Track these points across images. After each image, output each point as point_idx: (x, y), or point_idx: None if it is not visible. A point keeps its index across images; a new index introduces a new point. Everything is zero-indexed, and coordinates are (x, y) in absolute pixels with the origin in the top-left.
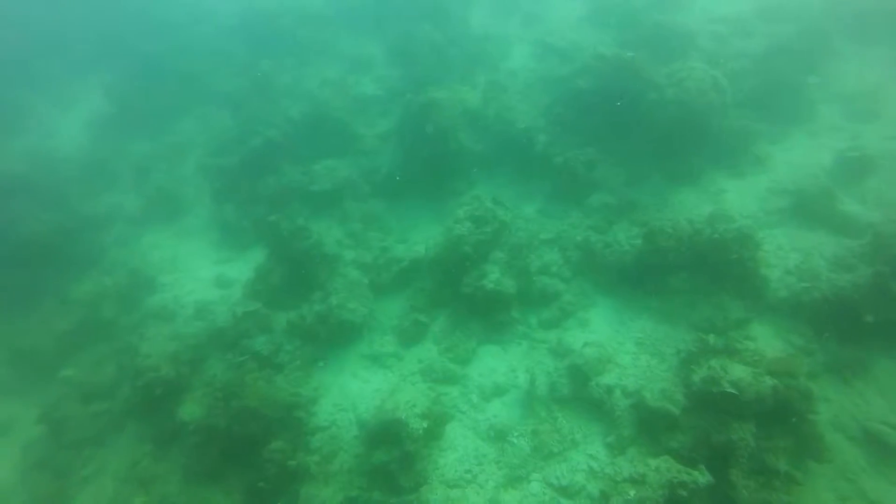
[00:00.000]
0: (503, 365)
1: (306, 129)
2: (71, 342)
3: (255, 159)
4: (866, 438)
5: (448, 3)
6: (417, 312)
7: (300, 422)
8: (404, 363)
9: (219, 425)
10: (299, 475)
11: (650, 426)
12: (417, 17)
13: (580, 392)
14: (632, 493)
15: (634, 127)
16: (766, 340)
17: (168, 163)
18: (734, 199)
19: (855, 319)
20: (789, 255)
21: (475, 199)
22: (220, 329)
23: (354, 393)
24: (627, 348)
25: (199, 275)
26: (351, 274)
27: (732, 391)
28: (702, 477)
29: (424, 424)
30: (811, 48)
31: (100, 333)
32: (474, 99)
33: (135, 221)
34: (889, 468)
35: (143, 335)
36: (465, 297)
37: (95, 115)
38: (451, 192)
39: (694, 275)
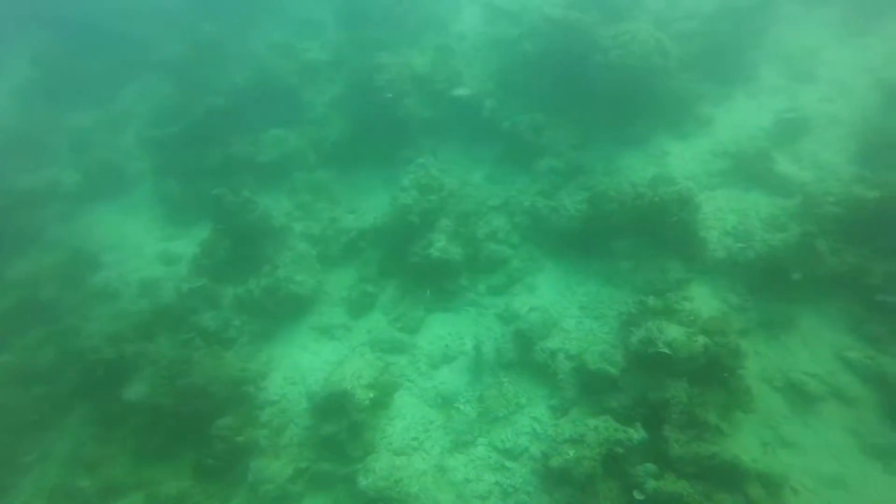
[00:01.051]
0: (452, 332)
1: (253, 97)
2: (7, 325)
3: (198, 129)
4: (789, 388)
5: None
6: (366, 283)
7: (249, 397)
8: (353, 334)
9: (165, 404)
10: (248, 450)
11: (591, 387)
12: None
13: (525, 357)
14: (571, 452)
15: (582, 90)
16: (704, 300)
17: (107, 135)
18: (678, 161)
19: (784, 277)
20: (728, 216)
21: (420, 168)
22: (167, 306)
23: (304, 365)
24: (572, 312)
25: (143, 251)
26: (299, 246)
27: (666, 351)
28: (637, 434)
29: (371, 395)
30: (757, 8)
31: (39, 315)
32: (423, 64)
33: (74, 197)
34: (806, 413)
35: (86, 315)
36: (413, 267)
37: (25, 84)
38: (400, 160)
39: (637, 238)
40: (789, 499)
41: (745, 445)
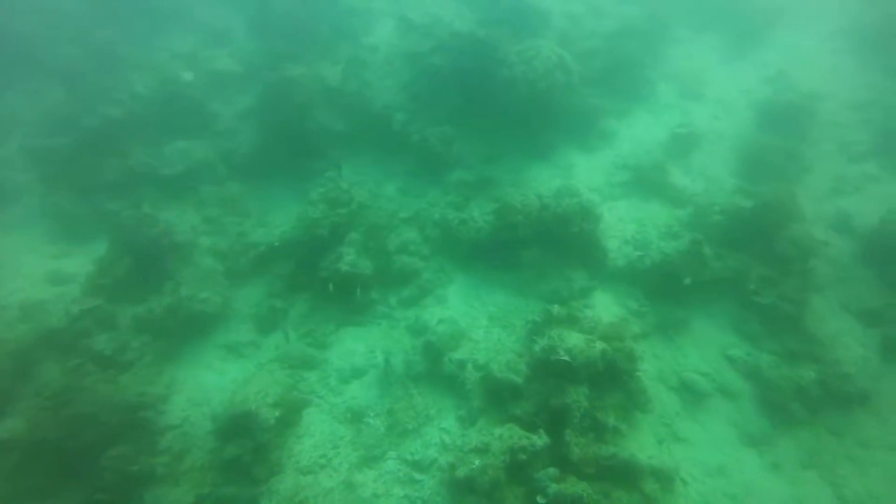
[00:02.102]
0: (362, 346)
1: (156, 107)
2: None
3: (92, 141)
4: (682, 386)
5: None
6: (275, 298)
7: (148, 422)
8: (262, 351)
9: (48, 438)
10: (143, 479)
11: (497, 396)
12: None
13: (435, 368)
14: (476, 462)
15: (491, 104)
16: (606, 306)
17: None
18: (583, 173)
19: (678, 282)
20: (628, 225)
21: (329, 181)
22: (53, 331)
23: (210, 386)
24: (481, 322)
25: (27, 271)
26: (205, 262)
27: (566, 358)
28: (539, 440)
29: (276, 413)
30: (653, 31)
31: None
32: (334, 75)
33: None
34: (696, 409)
35: None
36: (323, 281)
37: None
38: (312, 172)
39: (543, 248)
40: (680, 490)
41: (642, 443)
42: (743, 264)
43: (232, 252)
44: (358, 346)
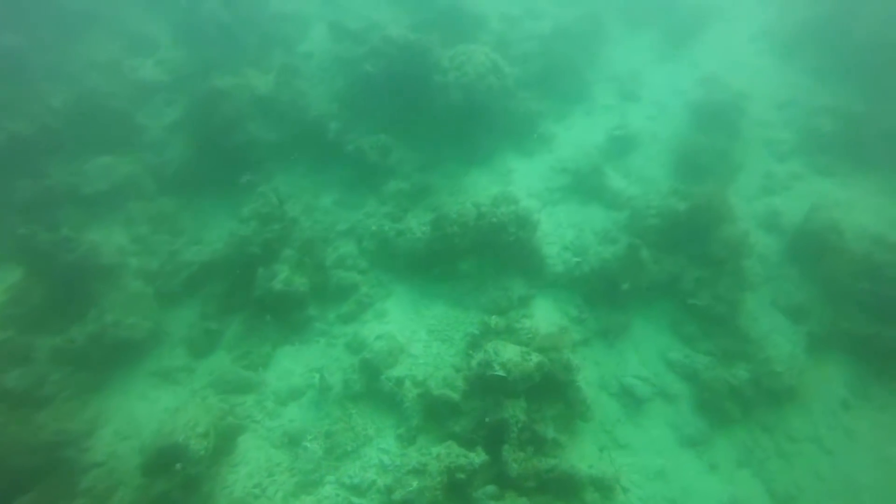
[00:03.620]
0: (300, 366)
1: (74, 121)
2: None
3: (1, 159)
4: (623, 392)
5: None
6: (209, 320)
7: (69, 462)
8: (196, 376)
9: None
10: None
11: (436, 413)
12: None
13: (373, 386)
14: (414, 483)
15: (426, 110)
16: (546, 314)
17: None
18: (522, 178)
19: (616, 287)
20: (567, 230)
21: (261, 196)
22: None
23: (140, 417)
24: (420, 336)
25: None
26: (133, 285)
27: (500, 373)
28: (477, 458)
29: (206, 444)
30: (590, 32)
31: None
32: (266, 84)
33: None
34: (637, 414)
35: None
36: (257, 300)
37: None
38: (247, 185)
39: (482, 257)
40: (620, 498)
41: (583, 453)
42: (679, 267)
43: (163, 272)
44: (296, 365)
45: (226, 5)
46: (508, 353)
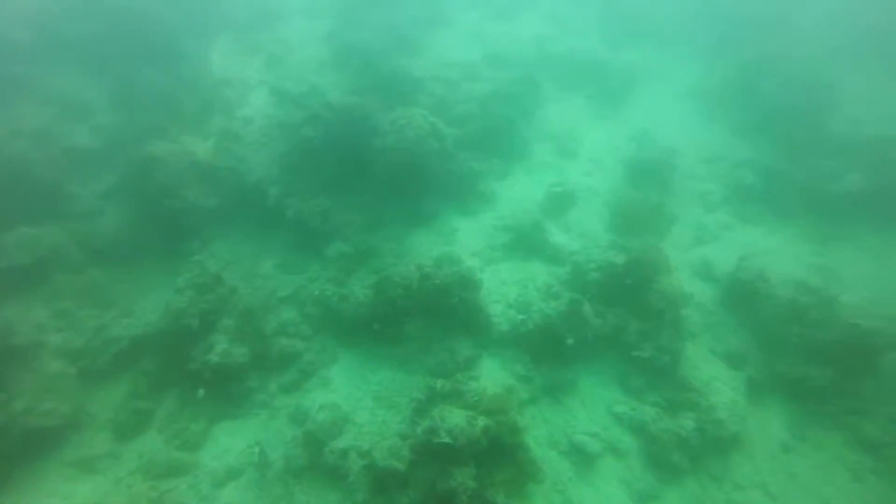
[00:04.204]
0: (240, 442)
1: None
2: None
3: None
4: (573, 450)
5: (183, 42)
6: (138, 399)
7: None
8: (122, 462)
9: None
10: None
11: (382, 485)
12: (146, 58)
13: (317, 460)
14: None
15: (367, 173)
16: (493, 374)
17: None
18: (465, 237)
19: (561, 343)
20: (511, 288)
21: (196, 265)
22: None
23: None
24: (365, 404)
25: None
26: (51, 366)
27: (446, 440)
28: None
29: None
30: (526, 93)
31: None
32: (204, 150)
33: None
34: (588, 472)
35: None
36: (193, 375)
37: None
38: (185, 253)
39: (427, 319)
40: None
41: None
42: (622, 320)
43: (88, 350)
44: (234, 442)
45: (165, 71)
46: (454, 418)
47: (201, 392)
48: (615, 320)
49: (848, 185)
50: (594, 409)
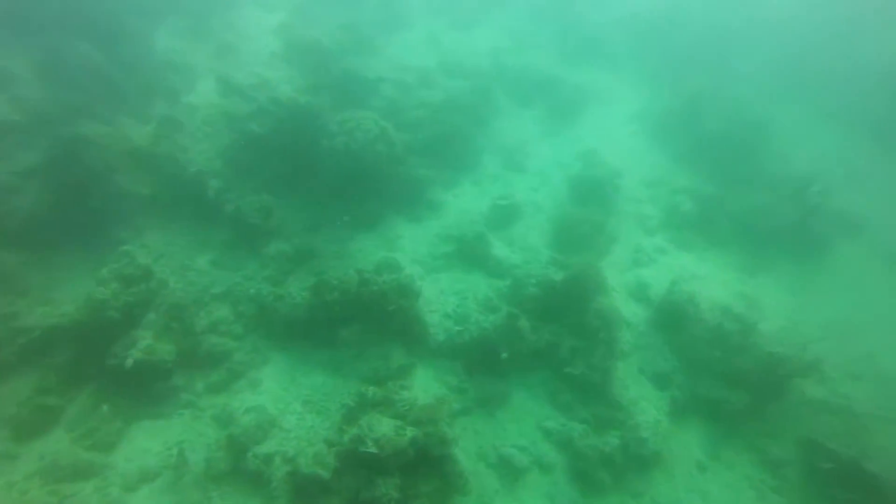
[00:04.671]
0: (158, 443)
1: None
2: None
3: None
4: (501, 463)
5: (126, 20)
6: (45, 395)
7: None
8: (18, 464)
9: None
10: None
11: (306, 493)
12: (81, 32)
13: (238, 464)
14: None
15: (314, 173)
16: (426, 384)
17: None
18: (409, 244)
19: (497, 356)
20: (450, 298)
21: (125, 255)
22: None
23: None
24: (294, 408)
25: None
26: None
27: (373, 450)
28: None
29: None
30: (480, 104)
31: None
32: (142, 136)
33: None
34: (515, 486)
35: None
36: (112, 370)
37: None
38: (115, 242)
39: (364, 325)
40: None
41: None
42: (557, 336)
43: None
44: (153, 443)
45: (102, 48)
46: (383, 427)
47: (105, 408)
48: (550, 336)
49: (773, 218)
50: (524, 422)
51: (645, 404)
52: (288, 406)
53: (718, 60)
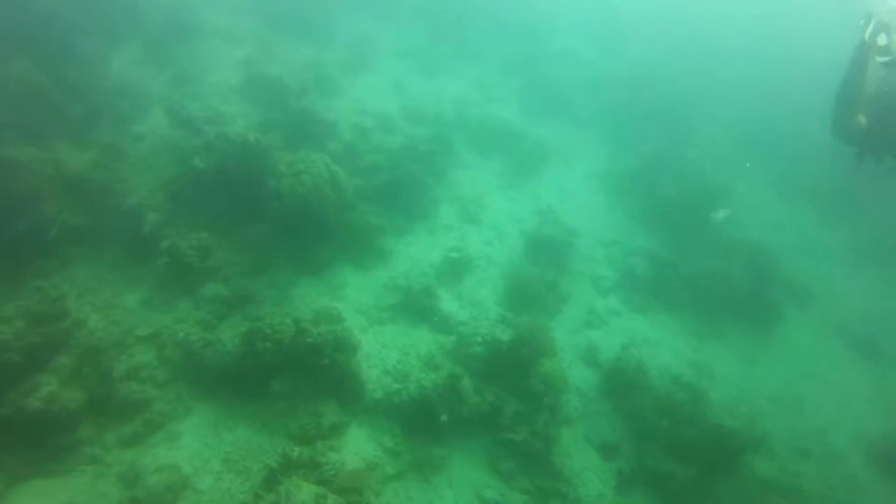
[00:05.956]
0: None
1: None
2: None
3: None
4: None
5: (77, 42)
6: None
7: None
8: None
9: None
10: None
11: None
12: (20, 50)
13: None
14: None
15: (258, 213)
16: (360, 443)
17: None
18: (354, 293)
19: (436, 417)
20: (391, 353)
21: (35, 292)
22: None
23: None
24: (212, 467)
25: None
26: None
27: None
28: None
29: None
30: (439, 152)
31: None
32: (80, 162)
33: None
34: None
35: None
36: (4, 421)
37: None
38: (38, 274)
39: (297, 377)
40: None
41: None
42: (500, 399)
43: None
44: None
45: (47, 69)
46: (302, 495)
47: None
48: (494, 399)
49: (726, 285)
50: (462, 490)
51: (589, 475)
52: (206, 464)
53: (680, 124)
